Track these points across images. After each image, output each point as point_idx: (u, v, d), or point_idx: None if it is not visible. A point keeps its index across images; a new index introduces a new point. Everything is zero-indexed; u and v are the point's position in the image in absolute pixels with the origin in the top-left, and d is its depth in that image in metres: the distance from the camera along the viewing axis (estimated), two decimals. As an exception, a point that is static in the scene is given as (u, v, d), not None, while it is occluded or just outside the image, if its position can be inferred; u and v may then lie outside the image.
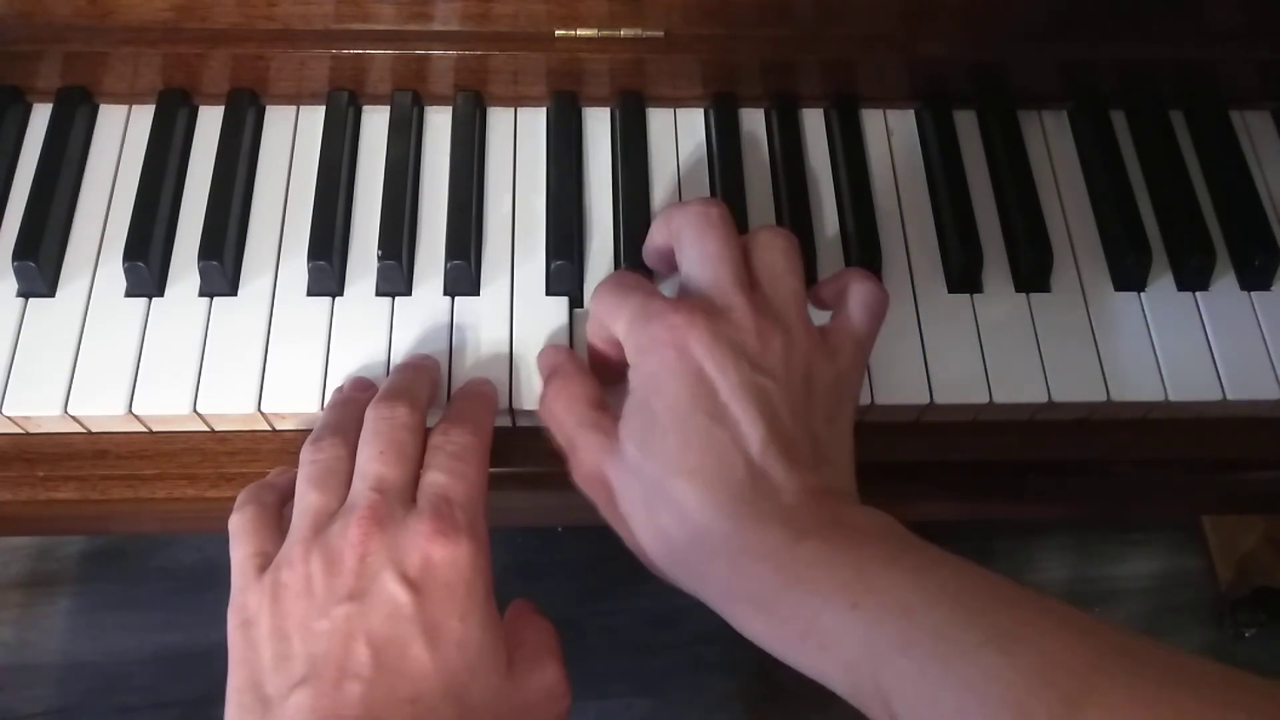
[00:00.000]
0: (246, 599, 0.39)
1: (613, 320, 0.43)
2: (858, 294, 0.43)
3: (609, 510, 0.41)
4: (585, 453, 0.41)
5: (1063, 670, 0.31)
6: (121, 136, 0.53)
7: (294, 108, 0.54)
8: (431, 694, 0.37)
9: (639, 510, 0.40)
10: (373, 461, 0.40)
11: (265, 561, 0.40)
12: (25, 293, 0.48)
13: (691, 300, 0.41)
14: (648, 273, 0.49)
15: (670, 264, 0.45)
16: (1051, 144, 0.56)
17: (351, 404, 0.44)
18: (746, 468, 0.38)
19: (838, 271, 0.46)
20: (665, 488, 0.39)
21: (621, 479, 0.40)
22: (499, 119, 0.54)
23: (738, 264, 0.42)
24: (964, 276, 0.51)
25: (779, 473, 0.38)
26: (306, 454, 0.42)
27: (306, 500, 0.40)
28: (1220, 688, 0.30)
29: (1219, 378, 0.49)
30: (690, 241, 0.43)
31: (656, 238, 0.46)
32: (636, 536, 0.40)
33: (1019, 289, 0.51)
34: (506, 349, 0.48)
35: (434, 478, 0.40)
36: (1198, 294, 0.52)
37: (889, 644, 0.34)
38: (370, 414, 0.42)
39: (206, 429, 0.48)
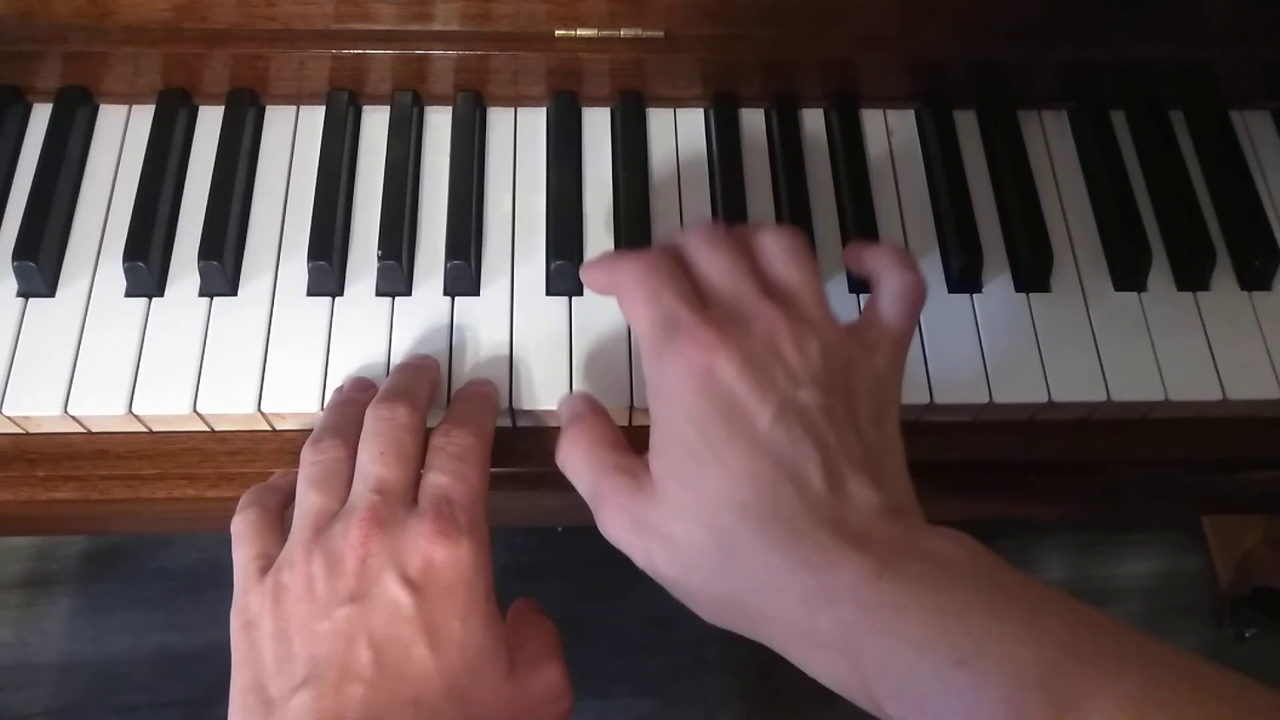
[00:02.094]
0: (249, 601, 0.39)
1: (633, 317, 0.40)
2: (893, 284, 0.40)
3: (644, 558, 0.38)
4: (613, 498, 0.39)
5: None
6: (121, 136, 0.53)
7: (294, 108, 0.54)
8: (433, 695, 0.36)
9: (681, 554, 0.37)
10: (373, 463, 0.40)
11: (267, 564, 0.40)
12: (25, 293, 0.48)
13: (717, 312, 0.38)
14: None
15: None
16: (1051, 144, 0.56)
17: (351, 404, 0.44)
18: (801, 493, 0.35)
19: (877, 246, 0.43)
20: (714, 526, 0.36)
21: (660, 521, 0.37)
22: (499, 119, 0.54)
23: (753, 272, 0.40)
24: (964, 276, 0.51)
25: (840, 492, 0.35)
26: (307, 455, 0.42)
27: (307, 502, 0.40)
28: None
29: (1219, 378, 0.49)
30: (702, 255, 0.40)
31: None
32: (683, 583, 0.37)
33: (1019, 289, 0.51)
34: (507, 349, 0.48)
35: (435, 479, 0.40)
36: (1198, 294, 0.52)
37: (1003, 707, 0.30)
38: (370, 415, 0.42)
39: (206, 429, 0.48)
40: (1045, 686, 0.30)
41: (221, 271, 0.48)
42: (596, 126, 0.55)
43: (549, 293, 0.50)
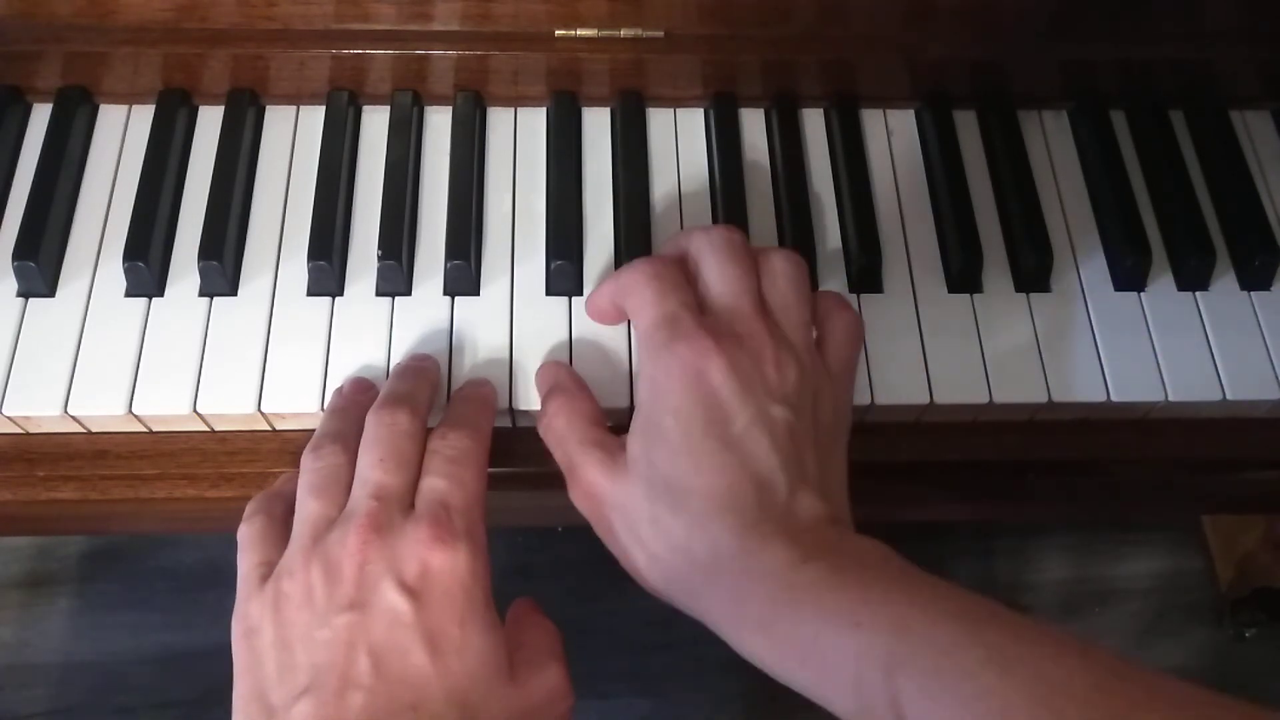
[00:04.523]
0: (249, 609, 0.39)
1: (637, 312, 0.43)
2: (840, 324, 0.44)
3: (605, 528, 0.42)
4: (586, 470, 0.42)
5: (1061, 693, 0.31)
6: (121, 136, 0.53)
7: (294, 108, 0.54)
8: (433, 701, 0.37)
9: (641, 528, 0.40)
10: (373, 469, 0.40)
11: (269, 571, 0.40)
12: (25, 293, 0.48)
13: (715, 323, 0.41)
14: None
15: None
16: (1051, 144, 0.56)
17: (352, 408, 0.44)
18: (756, 492, 0.39)
19: (815, 294, 0.46)
20: (673, 506, 0.39)
21: (624, 496, 0.41)
22: (499, 119, 0.54)
23: (756, 291, 0.43)
24: (964, 276, 0.51)
25: (788, 497, 0.39)
26: (307, 461, 0.42)
27: (306, 509, 0.40)
28: (1209, 710, 0.31)
29: (1219, 378, 0.49)
30: (714, 264, 0.43)
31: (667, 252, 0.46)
32: (634, 555, 0.41)
33: (1019, 289, 0.51)
34: (506, 349, 0.48)
35: (432, 483, 0.40)
36: (1198, 294, 0.52)
37: (892, 661, 0.34)
38: (371, 420, 0.42)
39: (206, 429, 0.48)
40: (928, 637, 0.34)
41: (221, 271, 0.48)
42: (596, 126, 0.55)
43: (549, 293, 0.50)
